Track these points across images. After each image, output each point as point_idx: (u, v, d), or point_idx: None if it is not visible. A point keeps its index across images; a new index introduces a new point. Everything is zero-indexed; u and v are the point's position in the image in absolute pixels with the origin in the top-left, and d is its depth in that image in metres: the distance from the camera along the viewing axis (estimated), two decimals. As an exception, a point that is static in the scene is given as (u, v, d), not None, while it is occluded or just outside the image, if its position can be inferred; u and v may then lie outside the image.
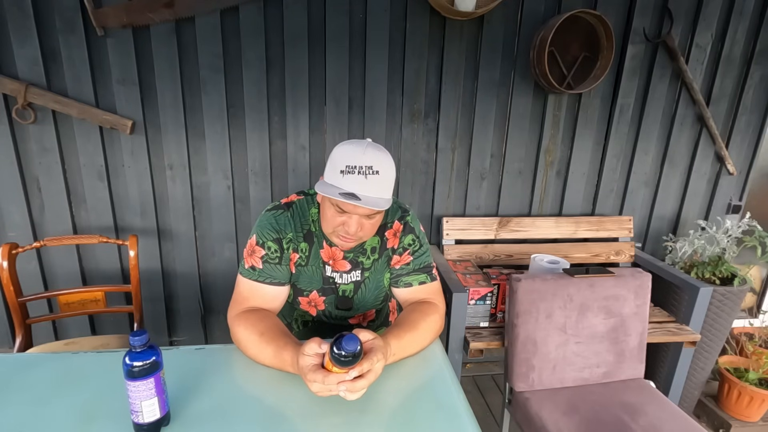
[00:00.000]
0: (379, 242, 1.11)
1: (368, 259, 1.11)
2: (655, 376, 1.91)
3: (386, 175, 0.93)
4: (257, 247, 1.03)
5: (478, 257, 2.01)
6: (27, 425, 0.75)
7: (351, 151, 0.92)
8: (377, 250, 1.11)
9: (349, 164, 0.90)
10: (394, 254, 1.11)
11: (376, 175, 0.90)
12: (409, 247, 1.10)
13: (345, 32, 1.77)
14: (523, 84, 1.94)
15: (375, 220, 0.99)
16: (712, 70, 2.04)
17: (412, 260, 1.10)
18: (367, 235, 1.01)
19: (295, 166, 1.91)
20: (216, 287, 2.04)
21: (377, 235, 1.10)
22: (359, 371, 0.75)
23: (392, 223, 1.10)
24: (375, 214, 0.97)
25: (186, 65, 1.75)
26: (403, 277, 1.10)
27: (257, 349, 0.91)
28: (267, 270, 1.02)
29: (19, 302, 1.43)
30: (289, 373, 0.86)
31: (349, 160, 0.90)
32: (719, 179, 2.19)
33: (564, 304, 1.42)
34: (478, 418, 0.81)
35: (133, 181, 1.84)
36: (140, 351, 0.70)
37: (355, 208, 0.92)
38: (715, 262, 1.89)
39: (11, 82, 1.63)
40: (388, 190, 0.95)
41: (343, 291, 1.12)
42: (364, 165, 0.90)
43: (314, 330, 1.20)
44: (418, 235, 1.11)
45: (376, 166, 0.91)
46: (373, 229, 1.01)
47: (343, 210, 0.94)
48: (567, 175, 2.10)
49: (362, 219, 0.96)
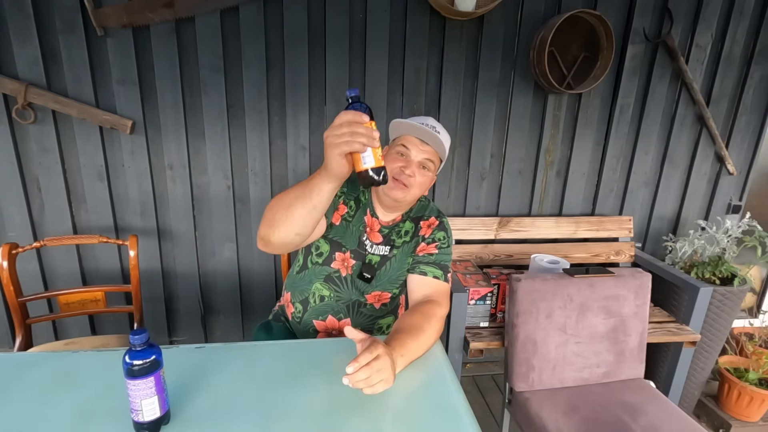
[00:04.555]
0: (413, 228, 1.21)
1: (400, 239, 1.20)
2: (655, 376, 1.91)
3: (445, 138, 1.12)
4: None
5: (478, 257, 2.01)
6: (27, 424, 0.75)
7: (417, 118, 1.13)
8: (410, 234, 1.21)
9: (418, 120, 1.10)
10: (422, 242, 1.19)
11: (437, 134, 1.08)
12: (438, 241, 1.18)
13: (345, 32, 1.77)
14: (523, 84, 1.94)
15: (426, 175, 1.13)
16: (712, 70, 2.04)
17: (436, 253, 1.17)
18: (418, 185, 1.12)
19: (295, 166, 1.91)
20: (216, 287, 2.04)
21: (413, 222, 1.22)
22: (358, 364, 0.76)
23: (429, 217, 1.22)
24: (429, 162, 1.11)
25: (186, 65, 1.75)
26: (421, 264, 1.15)
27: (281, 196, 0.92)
28: None
29: (19, 302, 1.43)
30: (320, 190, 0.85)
31: (417, 120, 1.10)
32: (719, 179, 2.19)
33: (564, 304, 1.42)
34: (478, 418, 0.81)
35: (133, 181, 1.84)
36: (140, 350, 0.70)
37: (421, 146, 1.10)
38: (715, 262, 1.89)
39: (11, 82, 1.63)
40: (445, 148, 1.12)
41: (370, 260, 1.18)
42: (429, 123, 1.10)
43: (329, 306, 1.19)
44: (448, 236, 1.21)
45: (438, 128, 1.11)
46: (423, 180, 1.12)
47: (405, 150, 1.11)
48: (567, 175, 2.10)
49: (417, 167, 1.11)
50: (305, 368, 0.93)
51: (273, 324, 1.30)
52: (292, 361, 0.96)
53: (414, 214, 1.23)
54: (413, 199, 1.16)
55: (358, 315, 1.20)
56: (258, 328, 1.31)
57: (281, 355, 0.98)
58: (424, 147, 1.10)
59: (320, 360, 0.96)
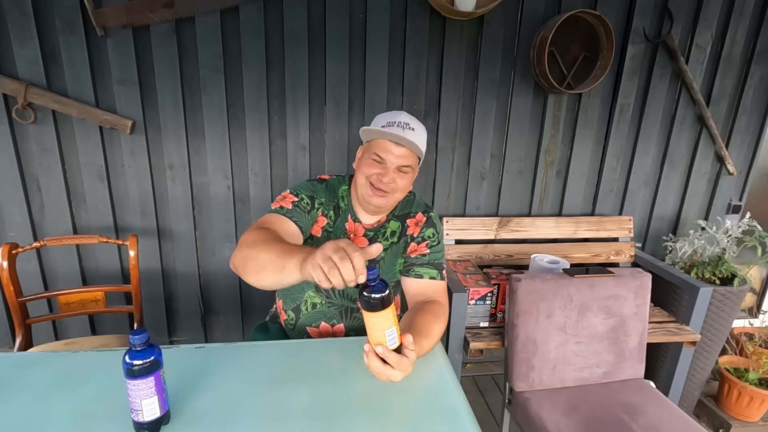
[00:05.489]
0: (399, 228, 1.18)
1: (387, 241, 1.16)
2: (655, 376, 1.91)
3: (420, 133, 1.08)
4: (290, 195, 1.09)
5: (478, 257, 2.01)
6: (27, 424, 0.75)
7: (389, 114, 1.09)
8: (396, 234, 1.17)
9: (389, 121, 1.06)
10: (412, 242, 1.17)
11: (411, 131, 1.05)
12: (428, 239, 1.16)
13: (345, 32, 1.77)
14: (523, 84, 1.94)
15: (406, 177, 1.09)
16: (712, 70, 2.04)
17: (428, 253, 1.15)
18: (400, 189, 1.09)
19: (295, 166, 1.91)
20: (216, 287, 2.03)
21: (399, 221, 1.18)
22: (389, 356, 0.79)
23: (415, 214, 1.18)
24: (407, 167, 1.08)
25: (186, 65, 1.75)
26: (415, 267, 1.14)
27: (262, 247, 0.85)
28: (295, 212, 1.05)
29: (19, 302, 1.43)
30: (290, 275, 0.78)
31: (388, 119, 1.07)
32: (719, 179, 2.19)
33: (564, 304, 1.42)
34: (478, 418, 0.81)
35: (133, 181, 1.84)
36: (140, 349, 0.70)
37: (396, 151, 1.05)
38: (715, 262, 1.89)
39: (11, 82, 1.63)
40: (421, 146, 1.08)
41: None
42: (402, 121, 1.06)
43: (321, 313, 1.18)
44: (438, 232, 1.18)
45: (412, 124, 1.07)
46: (404, 184, 1.10)
47: (381, 158, 1.06)
48: (567, 175, 2.10)
49: (395, 173, 1.07)
50: (305, 368, 0.93)
51: (270, 325, 1.30)
52: (292, 361, 0.96)
53: (399, 212, 1.20)
54: (396, 202, 1.14)
55: (351, 320, 1.19)
56: (255, 329, 1.31)
57: (281, 355, 0.98)
58: (399, 150, 1.06)
59: (320, 360, 0.96)
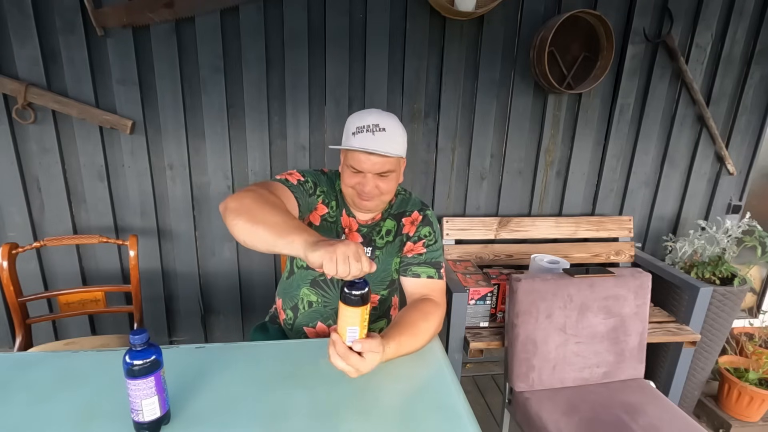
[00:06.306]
0: (395, 226, 1.16)
1: (382, 239, 1.15)
2: (655, 376, 1.91)
3: (393, 131, 1.02)
4: (297, 174, 1.09)
5: (478, 257, 2.01)
6: (27, 424, 0.75)
7: (358, 116, 1.04)
8: (392, 233, 1.16)
9: (358, 126, 1.02)
10: (408, 241, 1.15)
11: (382, 132, 1.01)
12: (424, 238, 1.14)
13: (345, 32, 1.77)
14: (523, 84, 1.94)
15: (389, 179, 1.06)
16: (712, 70, 2.04)
17: (425, 252, 1.13)
18: (386, 192, 1.07)
19: (295, 166, 1.91)
20: (216, 287, 2.03)
21: (395, 220, 1.16)
22: (359, 347, 0.81)
23: (411, 212, 1.17)
24: (387, 172, 1.04)
25: (186, 65, 1.75)
26: (412, 266, 1.13)
27: (270, 207, 0.84)
28: (298, 190, 1.04)
29: (19, 302, 1.43)
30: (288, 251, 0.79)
31: (357, 123, 1.02)
32: (719, 179, 2.19)
33: (564, 304, 1.42)
34: (478, 418, 0.81)
35: (133, 181, 1.84)
36: (140, 349, 0.70)
37: (368, 162, 1.01)
38: (715, 262, 1.89)
39: (11, 82, 1.63)
40: (396, 144, 1.03)
41: None
42: (371, 123, 1.01)
43: (318, 312, 1.18)
44: (434, 230, 1.16)
45: (382, 124, 1.01)
46: (389, 187, 1.07)
47: (357, 169, 1.03)
48: (567, 175, 2.10)
49: (376, 178, 1.04)
50: (305, 368, 0.93)
51: (269, 326, 1.30)
52: (292, 361, 0.96)
53: (395, 211, 1.18)
54: (386, 201, 1.13)
55: None
56: (254, 329, 1.31)
57: (281, 355, 0.98)
58: (374, 159, 1.02)
59: (320, 360, 0.96)
